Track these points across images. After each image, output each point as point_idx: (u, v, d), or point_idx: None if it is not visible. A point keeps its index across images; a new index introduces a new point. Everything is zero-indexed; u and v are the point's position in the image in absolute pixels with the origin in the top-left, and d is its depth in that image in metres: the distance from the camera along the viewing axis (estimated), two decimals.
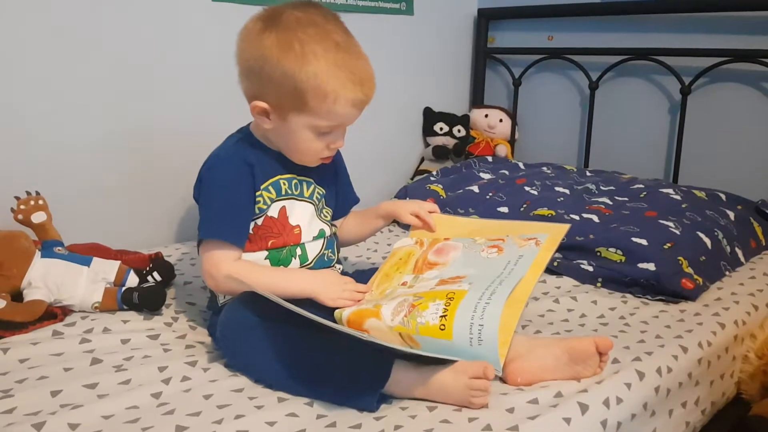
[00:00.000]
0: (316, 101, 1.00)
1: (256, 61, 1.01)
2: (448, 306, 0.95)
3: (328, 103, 1.00)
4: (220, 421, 0.85)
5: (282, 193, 1.11)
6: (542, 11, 2.21)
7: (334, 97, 0.99)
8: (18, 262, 1.19)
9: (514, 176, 1.94)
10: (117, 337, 1.10)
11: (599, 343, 0.98)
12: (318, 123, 1.03)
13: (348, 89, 1.00)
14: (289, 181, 1.12)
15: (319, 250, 1.16)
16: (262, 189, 1.09)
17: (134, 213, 1.67)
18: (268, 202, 1.09)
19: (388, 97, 2.20)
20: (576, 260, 1.45)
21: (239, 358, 1.00)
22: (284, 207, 1.11)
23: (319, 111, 1.01)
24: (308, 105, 1.00)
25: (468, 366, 0.90)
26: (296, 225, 1.12)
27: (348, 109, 1.02)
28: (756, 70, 1.79)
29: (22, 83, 1.45)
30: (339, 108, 1.01)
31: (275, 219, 1.10)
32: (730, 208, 1.64)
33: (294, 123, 1.03)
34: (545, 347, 0.99)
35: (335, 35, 1.01)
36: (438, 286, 1.04)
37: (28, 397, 0.90)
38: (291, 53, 0.98)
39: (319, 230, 1.17)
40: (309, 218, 1.15)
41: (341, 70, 0.99)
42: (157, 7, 1.62)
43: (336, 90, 0.99)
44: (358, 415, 0.88)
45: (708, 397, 1.15)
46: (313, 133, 1.05)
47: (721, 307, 1.27)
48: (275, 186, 1.10)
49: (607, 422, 0.90)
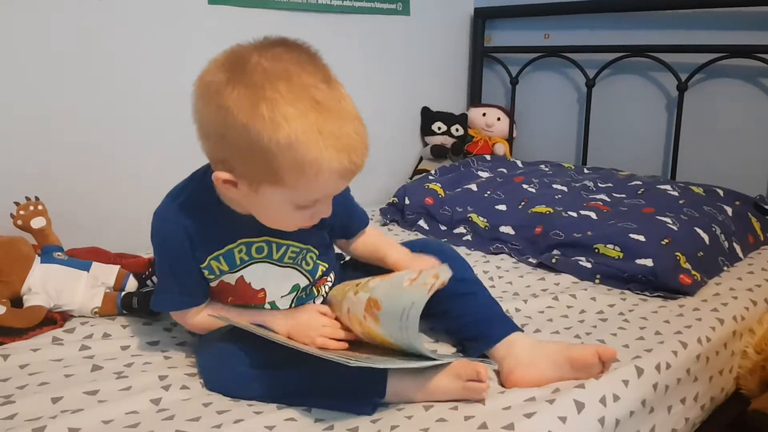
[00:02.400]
0: (292, 175, 0.81)
1: (218, 123, 0.82)
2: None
3: (308, 177, 0.81)
4: (220, 425, 0.85)
5: (237, 264, 0.97)
6: (538, 9, 2.21)
7: (315, 170, 0.81)
8: (17, 268, 1.19)
9: (512, 174, 1.95)
10: (117, 343, 1.11)
11: (602, 353, 0.95)
12: (297, 198, 0.86)
13: (332, 159, 0.81)
14: (249, 245, 0.97)
15: (293, 298, 1.05)
16: (210, 260, 0.96)
17: (133, 216, 1.67)
18: (217, 272, 0.98)
19: (386, 97, 2.21)
20: (574, 257, 1.46)
21: (231, 394, 0.95)
22: (242, 276, 0.99)
23: (297, 186, 0.83)
24: (285, 180, 0.82)
25: (462, 369, 0.90)
26: (260, 289, 1.01)
27: (333, 182, 0.84)
28: (752, 66, 1.79)
29: (21, 85, 1.46)
30: (321, 182, 0.83)
31: (233, 286, 1.00)
32: (727, 204, 1.64)
33: (268, 196, 0.86)
34: (547, 356, 0.97)
35: (313, 90, 0.81)
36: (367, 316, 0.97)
37: (29, 403, 0.91)
38: (258, 118, 0.79)
39: (293, 286, 1.03)
40: (277, 278, 1.01)
41: (322, 136, 0.80)
42: (154, 9, 1.63)
43: (317, 161, 0.80)
44: (355, 417, 0.88)
45: (707, 392, 1.16)
46: (291, 206, 0.87)
47: (719, 302, 1.27)
48: (227, 257, 0.97)
49: (604, 420, 0.90)
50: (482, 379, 0.89)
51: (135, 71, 1.62)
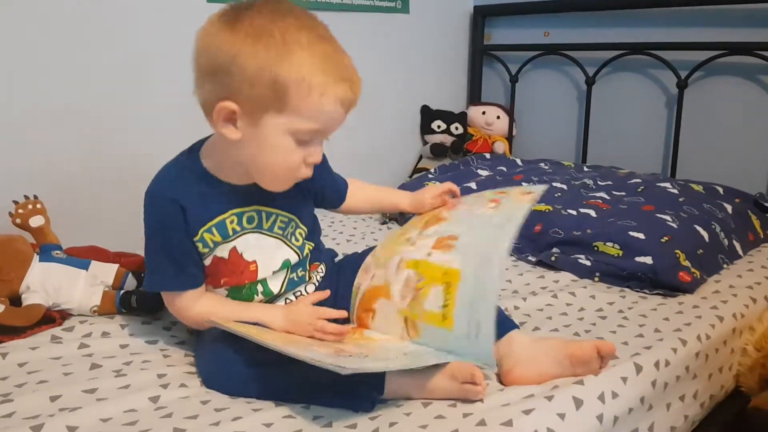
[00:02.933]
0: (299, 96, 0.85)
1: (225, 55, 0.85)
2: (447, 294, 0.98)
3: (314, 98, 0.85)
4: (218, 423, 0.85)
5: (229, 234, 0.98)
6: (538, 7, 2.21)
7: (320, 91, 0.85)
8: (16, 267, 1.19)
9: (511, 172, 1.94)
10: (116, 342, 1.10)
11: (601, 348, 0.96)
12: (299, 126, 0.88)
13: (337, 84, 0.86)
14: (240, 215, 0.99)
15: (285, 278, 1.06)
16: (202, 232, 0.97)
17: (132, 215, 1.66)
18: (211, 245, 0.98)
19: (386, 95, 2.21)
20: (574, 255, 1.45)
21: (230, 393, 0.95)
22: (234, 247, 0.99)
23: (303, 108, 0.86)
24: (290, 102, 0.85)
25: (457, 371, 0.90)
26: (252, 261, 1.01)
27: (335, 107, 0.88)
28: (752, 63, 1.79)
29: (20, 86, 1.46)
30: (325, 104, 0.87)
31: (226, 260, 1.00)
32: (727, 202, 1.64)
33: (270, 127, 0.88)
34: (546, 353, 0.97)
35: (318, 29, 0.88)
36: (434, 251, 1.04)
37: (27, 401, 0.91)
38: (270, 41, 0.84)
39: (283, 261, 1.04)
40: (269, 250, 1.02)
41: (329, 62, 0.86)
42: (152, 10, 1.63)
43: (323, 83, 0.85)
44: (354, 414, 0.88)
45: (707, 390, 1.15)
46: (292, 139, 0.89)
47: (719, 300, 1.27)
48: (220, 228, 0.98)
49: (603, 417, 0.90)
50: (477, 382, 0.89)
51: (134, 70, 1.62)
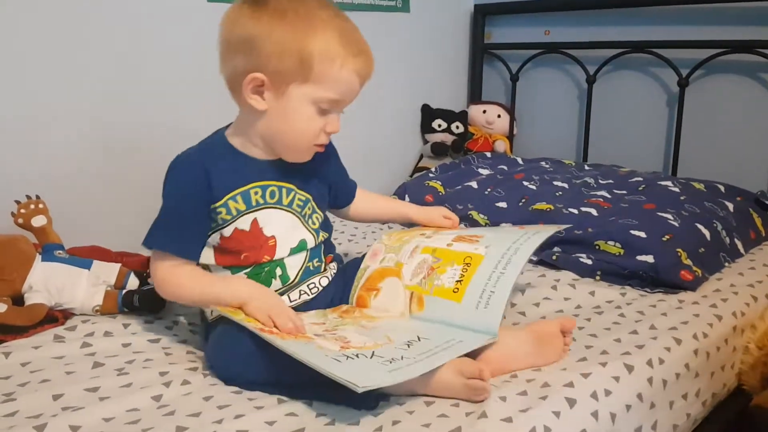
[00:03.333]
0: (322, 66, 0.95)
1: (253, 30, 0.95)
2: (464, 272, 1.06)
3: (335, 69, 0.96)
4: (221, 421, 0.86)
5: (253, 204, 1.03)
6: (538, 6, 2.21)
7: (341, 62, 0.95)
8: (18, 266, 1.19)
9: (512, 171, 1.94)
10: (118, 341, 1.11)
11: (563, 322, 1.02)
12: (321, 94, 0.97)
13: (355, 57, 0.97)
14: (264, 189, 1.04)
15: (302, 264, 1.09)
16: (227, 199, 1.01)
17: (134, 214, 1.67)
18: (234, 212, 1.02)
19: (386, 94, 2.21)
20: (575, 254, 1.45)
21: (236, 383, 0.96)
22: (256, 219, 1.04)
23: (324, 78, 0.96)
24: (313, 71, 0.95)
25: (465, 366, 0.91)
26: (271, 236, 1.05)
27: (353, 77, 0.98)
28: (753, 61, 1.79)
29: (21, 86, 1.46)
30: (345, 74, 0.96)
31: (246, 232, 1.03)
32: (729, 200, 1.64)
33: (294, 97, 0.97)
34: (512, 335, 1.00)
35: (334, 8, 1.00)
36: (455, 243, 1.13)
37: (30, 400, 0.91)
38: (296, 18, 0.94)
39: (300, 241, 1.08)
40: (287, 228, 1.07)
41: (347, 37, 0.97)
42: (152, 10, 1.63)
43: (343, 56, 0.96)
44: (357, 412, 0.88)
45: (709, 388, 1.15)
46: (314, 108, 0.98)
47: (719, 298, 1.27)
48: (245, 196, 1.03)
49: (598, 414, 0.91)
50: (484, 378, 0.90)
51: (134, 69, 1.62)
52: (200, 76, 1.73)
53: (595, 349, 1.05)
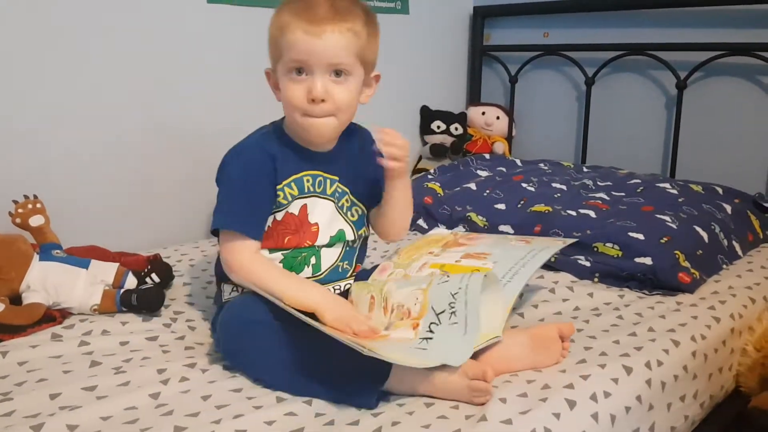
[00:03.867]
0: (281, 40, 1.01)
1: (270, 33, 1.06)
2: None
3: (287, 35, 1.00)
4: (219, 421, 0.85)
5: (305, 191, 1.09)
6: (537, 8, 2.21)
7: (289, 28, 1.00)
8: (16, 266, 1.19)
9: (511, 173, 1.95)
10: (116, 339, 1.10)
11: (562, 327, 1.02)
12: (287, 61, 1.01)
13: (299, 17, 0.99)
14: (314, 177, 1.10)
15: (335, 260, 1.13)
16: (284, 185, 1.07)
17: (132, 214, 1.67)
18: (289, 198, 1.07)
19: (385, 95, 2.18)
20: (573, 256, 1.45)
21: (237, 357, 1.00)
22: (305, 205, 1.09)
23: (282, 46, 1.01)
24: (280, 47, 1.02)
25: (468, 367, 0.91)
26: (315, 223, 1.10)
27: (299, 35, 0.99)
28: (751, 64, 1.80)
29: (20, 86, 1.46)
30: (291, 35, 1.00)
31: (295, 216, 1.09)
32: (727, 202, 1.64)
33: (279, 76, 1.05)
34: (510, 337, 1.01)
35: None
36: (464, 260, 1.15)
37: (27, 399, 0.91)
38: (275, 15, 1.04)
39: (338, 230, 1.13)
40: (329, 216, 1.12)
41: (299, 6, 1.01)
42: (152, 10, 1.63)
43: (288, 21, 1.00)
44: (356, 412, 0.88)
45: (706, 390, 1.16)
46: (288, 77, 1.02)
47: (717, 300, 1.27)
48: (298, 183, 1.08)
49: (598, 415, 0.91)
50: (488, 380, 0.90)
51: (134, 70, 1.62)
52: (200, 76, 1.73)
53: (594, 351, 1.06)
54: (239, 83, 1.76)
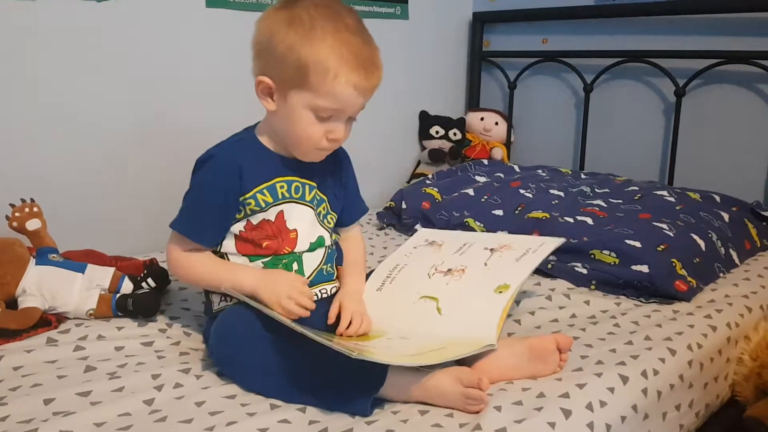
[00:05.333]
0: (316, 77, 0.97)
1: (265, 36, 1.00)
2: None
3: (329, 81, 0.96)
4: (212, 428, 0.85)
5: (279, 197, 1.08)
6: (536, 14, 2.21)
7: (334, 74, 0.96)
8: (12, 270, 1.19)
9: (509, 179, 1.94)
10: (111, 344, 1.10)
11: (560, 340, 1.01)
12: (317, 102, 0.99)
13: (351, 70, 0.97)
14: (289, 183, 1.09)
15: (318, 264, 1.12)
16: (255, 192, 1.06)
17: (129, 219, 1.67)
18: (263, 204, 1.06)
19: (384, 101, 2.20)
20: (570, 263, 1.45)
21: (231, 368, 1.00)
22: (282, 211, 1.08)
23: (319, 88, 0.97)
24: (309, 80, 0.97)
25: (463, 374, 0.91)
26: (293, 229, 1.09)
27: (348, 90, 0.98)
28: (749, 72, 1.80)
29: (17, 90, 1.46)
30: (338, 87, 0.97)
31: (272, 222, 1.08)
32: (724, 210, 1.64)
33: (294, 101, 1.00)
34: (508, 347, 1.01)
35: (347, 19, 0.99)
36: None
37: (21, 404, 0.91)
38: (300, 27, 0.97)
39: (318, 237, 1.12)
40: (308, 223, 1.11)
41: (346, 49, 0.97)
42: (151, 13, 1.63)
43: (337, 68, 0.96)
44: (350, 419, 0.88)
45: (702, 399, 1.16)
46: (312, 114, 1.00)
47: (713, 309, 1.27)
48: (271, 190, 1.07)
49: (593, 425, 0.91)
50: (483, 388, 0.90)
51: (133, 73, 1.62)
52: (200, 79, 1.73)
53: (590, 360, 1.06)
54: (239, 89, 1.75)
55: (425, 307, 1.11)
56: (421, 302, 1.12)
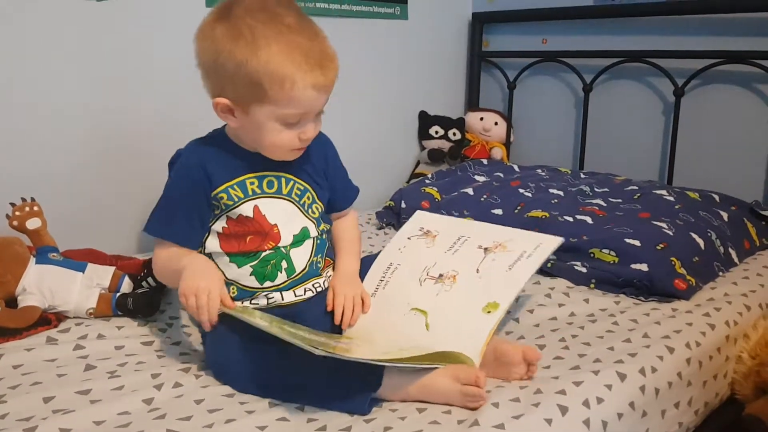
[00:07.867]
0: (273, 89, 0.94)
1: (210, 56, 0.97)
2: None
3: (287, 90, 0.94)
4: (211, 425, 0.86)
5: (249, 194, 1.06)
6: (536, 15, 2.22)
7: (291, 82, 0.94)
8: (12, 268, 1.19)
9: (508, 178, 1.95)
10: (111, 344, 1.11)
11: (526, 352, 0.99)
12: (281, 112, 0.97)
13: (306, 72, 0.94)
14: (261, 179, 1.06)
15: (308, 257, 1.10)
16: (227, 187, 1.04)
17: (129, 218, 1.67)
18: (235, 199, 1.05)
19: (384, 100, 2.21)
20: (570, 261, 1.46)
21: (227, 371, 0.99)
22: (257, 206, 1.06)
23: (279, 99, 0.95)
24: (267, 94, 0.95)
25: (461, 373, 0.91)
26: (274, 224, 1.07)
27: (309, 93, 0.96)
28: (748, 72, 1.80)
29: (17, 88, 1.46)
30: (298, 93, 0.95)
31: (250, 218, 1.06)
32: (723, 209, 1.64)
33: (258, 115, 0.98)
34: None
35: (286, 18, 0.95)
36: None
37: (21, 402, 0.91)
38: (241, 41, 0.93)
39: (302, 228, 1.10)
40: (287, 216, 1.08)
41: (296, 52, 0.93)
42: (151, 13, 1.63)
43: (292, 75, 0.93)
44: (349, 418, 0.89)
45: (701, 397, 1.16)
46: (279, 123, 0.98)
47: (712, 307, 1.27)
48: (241, 186, 1.05)
49: (590, 421, 0.91)
50: (480, 385, 0.90)
51: (133, 72, 1.63)
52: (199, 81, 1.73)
53: (588, 358, 1.06)
54: None
55: (414, 321, 1.08)
56: (411, 314, 1.09)
